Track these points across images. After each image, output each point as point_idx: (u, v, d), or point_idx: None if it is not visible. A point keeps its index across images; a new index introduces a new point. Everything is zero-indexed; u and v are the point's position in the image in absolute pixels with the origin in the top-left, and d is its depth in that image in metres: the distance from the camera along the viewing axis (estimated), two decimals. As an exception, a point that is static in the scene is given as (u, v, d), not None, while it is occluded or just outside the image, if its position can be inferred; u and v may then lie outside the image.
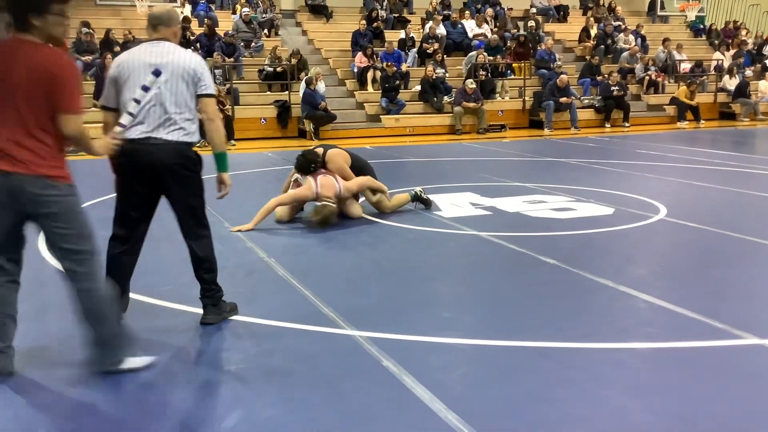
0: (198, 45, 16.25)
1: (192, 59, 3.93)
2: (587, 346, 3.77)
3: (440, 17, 18.80)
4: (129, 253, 4.07)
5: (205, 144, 4.26)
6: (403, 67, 16.79)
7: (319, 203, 6.46)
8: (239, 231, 6.35)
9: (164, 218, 4.27)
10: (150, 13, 4.12)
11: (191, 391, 3.32)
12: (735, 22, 23.32)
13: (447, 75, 17.01)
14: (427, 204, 7.23)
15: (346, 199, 6.72)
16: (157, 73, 3.64)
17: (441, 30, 18.32)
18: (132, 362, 3.45)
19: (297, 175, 6.84)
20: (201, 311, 4.30)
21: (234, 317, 4.22)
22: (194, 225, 4.03)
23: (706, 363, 3.57)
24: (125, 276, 4.08)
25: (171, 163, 3.85)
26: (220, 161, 4.14)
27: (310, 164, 6.64)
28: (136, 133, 3.79)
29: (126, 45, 15.48)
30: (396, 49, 17.24)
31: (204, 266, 4.07)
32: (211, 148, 4.07)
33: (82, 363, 3.55)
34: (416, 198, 7.22)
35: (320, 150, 6.85)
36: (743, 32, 22.20)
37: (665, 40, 19.72)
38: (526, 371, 3.46)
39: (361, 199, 7.07)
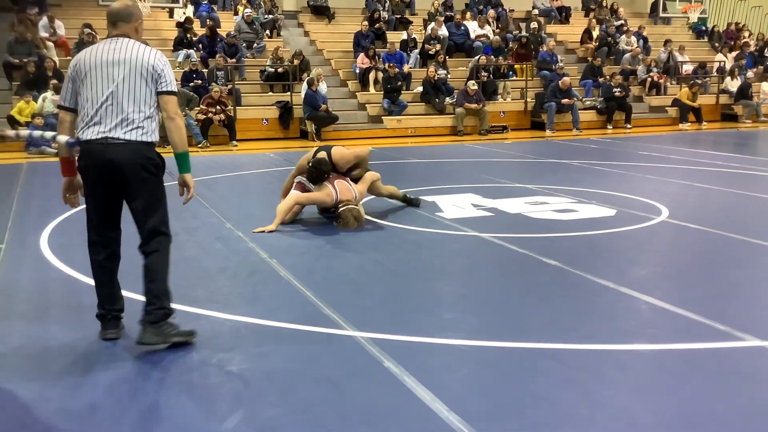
0: (200, 46, 16.26)
1: (152, 56, 3.76)
2: (589, 348, 3.76)
3: (443, 19, 18.80)
4: (110, 258, 3.95)
5: (206, 145, 4.23)
6: (405, 68, 16.79)
7: (341, 208, 6.47)
8: (262, 232, 6.34)
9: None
10: (109, 8, 3.89)
11: (192, 391, 3.31)
12: (737, 23, 23.31)
13: (449, 76, 17.01)
14: (416, 203, 7.42)
15: (360, 201, 6.76)
16: (72, 145, 3.57)
17: (443, 31, 18.32)
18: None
19: (300, 177, 6.83)
20: (200, 311, 4.30)
21: (235, 317, 4.21)
22: (149, 231, 3.77)
23: (708, 365, 3.56)
24: (113, 281, 3.96)
25: (129, 163, 3.66)
26: (182, 162, 3.93)
27: (323, 174, 6.63)
28: (92, 133, 3.66)
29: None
30: (398, 50, 17.24)
31: (149, 276, 3.75)
32: (172, 149, 3.89)
33: (85, 362, 3.55)
34: (405, 199, 7.40)
35: (323, 154, 6.80)
36: (746, 34, 22.19)
37: (667, 42, 19.72)
38: (528, 372, 3.45)
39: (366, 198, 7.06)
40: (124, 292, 4.08)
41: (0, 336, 3.99)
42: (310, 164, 6.67)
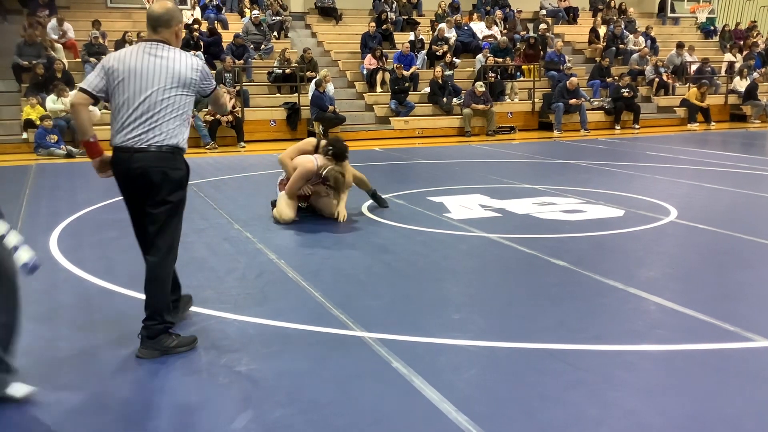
0: (203, 47, 16.33)
1: (189, 64, 3.74)
2: (598, 348, 3.76)
3: (453, 20, 18.80)
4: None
5: (214, 146, 4.27)
6: (412, 69, 16.79)
7: (325, 171, 6.54)
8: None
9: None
10: (149, 11, 3.83)
11: (201, 391, 3.32)
12: (753, 22, 23.20)
13: (453, 73, 17.00)
14: (382, 203, 7.47)
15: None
16: (31, 270, 3.34)
17: (450, 32, 18.32)
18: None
19: (283, 176, 6.92)
20: (209, 312, 4.32)
21: (244, 318, 4.23)
22: (160, 243, 3.74)
23: (717, 365, 3.55)
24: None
25: (155, 171, 3.63)
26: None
27: (347, 149, 6.75)
28: (124, 139, 3.66)
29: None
30: (410, 52, 17.21)
31: (151, 290, 3.73)
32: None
33: (94, 363, 3.56)
34: (374, 195, 7.47)
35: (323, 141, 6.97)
36: (754, 33, 22.09)
37: (680, 45, 19.58)
38: (536, 373, 3.45)
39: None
40: (131, 293, 4.10)
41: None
42: (335, 140, 6.80)
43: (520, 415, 3.04)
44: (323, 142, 6.90)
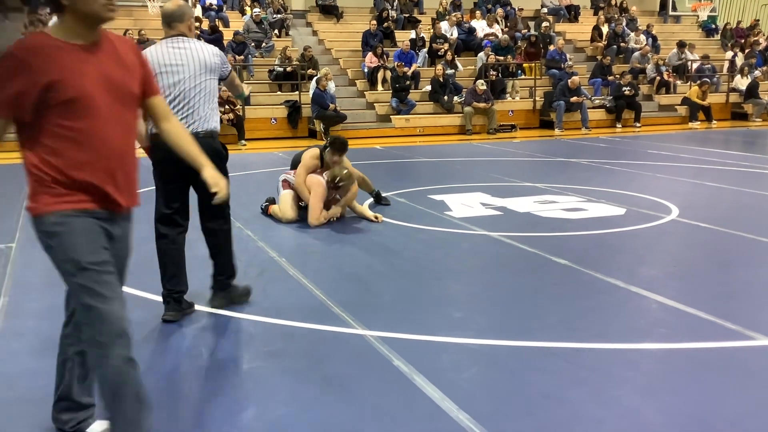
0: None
1: (208, 50, 4.16)
2: (599, 347, 3.76)
3: (454, 17, 18.79)
4: (178, 237, 4.31)
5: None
6: (413, 67, 16.78)
7: (336, 180, 6.55)
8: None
9: (176, 217, 4.27)
10: (163, 10, 4.18)
11: (203, 389, 3.32)
12: (756, 20, 23.17)
13: (455, 72, 16.99)
14: (384, 202, 7.53)
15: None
16: None
17: (449, 30, 18.31)
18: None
19: (285, 176, 6.92)
20: (211, 310, 4.32)
21: (245, 316, 4.23)
22: (213, 213, 4.23)
23: (718, 364, 3.55)
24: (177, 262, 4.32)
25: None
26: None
27: (346, 141, 6.84)
28: None
29: (140, 45, 15.56)
30: (410, 50, 17.21)
31: (216, 251, 4.39)
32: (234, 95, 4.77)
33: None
34: (377, 196, 7.51)
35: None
36: (756, 32, 22.07)
37: (681, 44, 19.55)
38: (537, 371, 3.45)
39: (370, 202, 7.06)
40: (133, 291, 4.10)
41: (12, 334, 4.01)
42: (336, 139, 6.83)
43: (521, 414, 3.04)
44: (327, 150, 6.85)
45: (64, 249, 2.45)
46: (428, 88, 16.58)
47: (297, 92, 15.47)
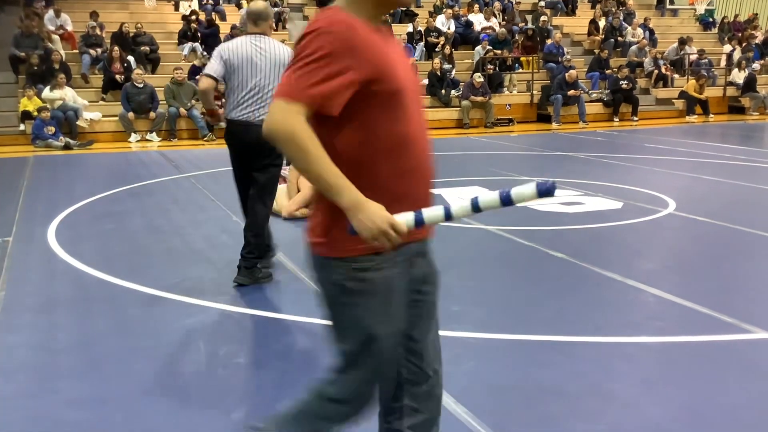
0: (200, 39, 16.31)
1: (284, 49, 4.63)
2: (596, 340, 3.76)
3: (451, 11, 18.74)
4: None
5: (212, 138, 4.30)
6: (411, 61, 16.74)
7: None
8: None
9: (172, 211, 4.28)
10: (249, 9, 4.75)
11: (200, 383, 3.32)
12: (754, 14, 23.16)
13: (454, 68, 16.97)
14: None
15: None
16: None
17: (446, 23, 18.27)
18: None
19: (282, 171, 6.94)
20: (208, 304, 4.32)
21: (242, 310, 4.23)
22: (261, 188, 4.69)
23: (715, 357, 3.55)
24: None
25: (262, 141, 4.21)
26: None
27: None
28: (238, 114, 4.55)
29: (137, 38, 15.53)
30: (407, 43, 17.17)
31: (251, 230, 4.69)
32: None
33: (93, 353, 3.56)
34: None
35: None
36: (754, 25, 22.06)
37: (682, 41, 19.50)
38: (535, 365, 3.45)
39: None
40: (129, 284, 4.09)
41: (8, 328, 4.01)
42: None
43: (518, 407, 3.05)
44: None
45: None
46: (425, 81, 16.55)
47: (294, 86, 15.42)
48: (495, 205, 1.86)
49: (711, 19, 23.10)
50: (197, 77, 14.50)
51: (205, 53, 15.64)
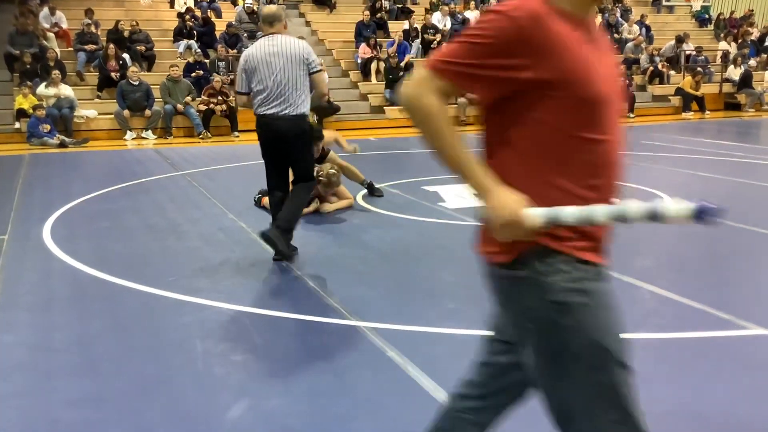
0: (196, 36, 16.27)
1: (300, 46, 4.97)
2: (592, 337, 3.76)
3: (447, 8, 18.73)
4: (282, 199, 5.13)
5: (207, 135, 4.26)
6: (407, 58, 16.74)
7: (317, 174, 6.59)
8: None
9: (167, 209, 4.27)
10: (264, 14, 5.10)
11: (197, 381, 3.32)
12: (750, 11, 23.18)
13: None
14: (377, 193, 7.52)
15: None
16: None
17: (440, 20, 18.26)
18: None
19: None
20: (204, 301, 4.32)
21: (239, 307, 4.23)
22: (299, 175, 5.12)
23: (711, 353, 3.56)
24: None
25: (289, 133, 4.95)
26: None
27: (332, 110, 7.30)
28: (266, 110, 4.93)
29: (132, 35, 15.50)
30: (403, 41, 17.15)
31: (283, 212, 5.00)
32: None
33: (90, 352, 3.56)
34: (369, 187, 7.50)
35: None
36: (750, 22, 22.09)
37: (679, 39, 19.49)
38: (531, 362, 3.45)
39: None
40: (125, 283, 4.08)
41: (4, 327, 4.00)
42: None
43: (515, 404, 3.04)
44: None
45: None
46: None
47: (290, 83, 15.41)
48: (641, 218, 1.63)
49: (707, 16, 23.12)
50: (192, 74, 14.54)
51: (200, 51, 15.63)
